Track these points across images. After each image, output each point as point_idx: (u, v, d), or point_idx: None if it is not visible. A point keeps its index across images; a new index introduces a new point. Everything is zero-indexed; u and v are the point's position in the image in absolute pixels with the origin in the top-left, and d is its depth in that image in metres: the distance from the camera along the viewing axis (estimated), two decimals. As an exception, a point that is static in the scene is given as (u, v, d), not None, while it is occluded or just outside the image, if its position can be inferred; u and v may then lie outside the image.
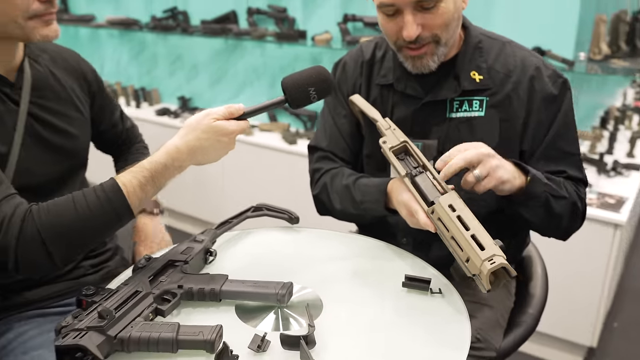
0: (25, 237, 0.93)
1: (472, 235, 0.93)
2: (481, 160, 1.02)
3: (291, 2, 3.04)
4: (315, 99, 1.08)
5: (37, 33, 1.02)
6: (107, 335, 0.82)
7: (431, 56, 1.17)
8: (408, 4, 1.11)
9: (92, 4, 3.91)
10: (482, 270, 0.90)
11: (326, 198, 1.31)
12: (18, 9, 0.98)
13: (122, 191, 0.96)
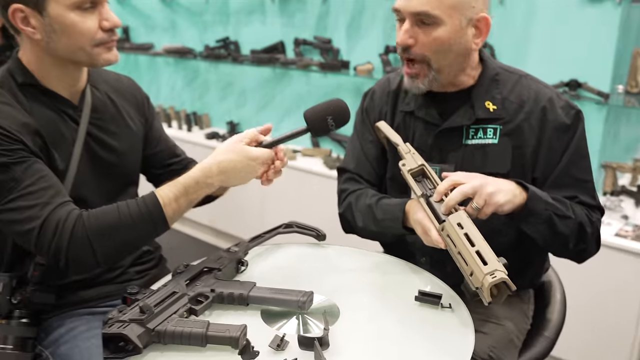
0: (76, 239, 1.07)
1: (477, 251, 1.01)
2: (476, 192, 1.10)
3: (336, 34, 3.18)
4: (334, 127, 1.20)
5: (101, 58, 1.17)
6: (146, 328, 0.94)
7: (422, 78, 1.26)
8: (409, 14, 1.22)
9: (151, 33, 4.17)
10: (484, 283, 0.97)
11: (350, 216, 1.41)
12: (86, 38, 1.13)
13: (160, 203, 1.10)
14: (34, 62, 1.17)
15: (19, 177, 1.08)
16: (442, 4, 1.19)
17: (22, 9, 1.09)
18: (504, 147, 1.29)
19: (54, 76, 1.19)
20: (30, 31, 1.12)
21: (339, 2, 3.13)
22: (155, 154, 1.47)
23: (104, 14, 1.14)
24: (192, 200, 1.15)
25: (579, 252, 1.28)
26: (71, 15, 1.10)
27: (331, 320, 1.05)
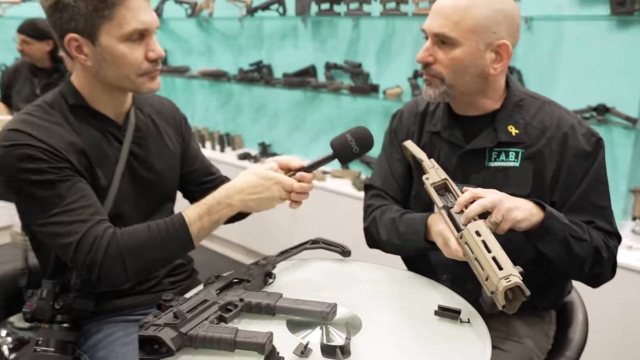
0: (110, 255, 1.15)
1: (493, 257, 1.04)
2: (495, 206, 1.14)
3: (366, 58, 3.26)
4: (358, 151, 1.27)
5: (144, 87, 1.26)
6: (179, 332, 1.00)
7: (434, 88, 1.33)
8: (431, 34, 1.30)
9: (188, 56, 4.33)
10: (498, 286, 1.00)
11: (375, 230, 1.46)
12: (132, 68, 1.22)
13: (186, 223, 1.18)
14: (85, 86, 1.26)
15: (63, 194, 1.16)
16: (459, 27, 1.26)
17: (77, 38, 1.19)
18: (525, 170, 1.33)
19: (102, 99, 1.28)
20: (83, 58, 1.21)
21: (369, 28, 3.22)
22: (191, 172, 1.54)
23: (151, 45, 1.22)
24: (215, 220, 1.22)
25: (594, 276, 1.30)
26: (121, 47, 1.19)
27: (353, 331, 1.09)
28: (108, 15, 1.15)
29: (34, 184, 1.15)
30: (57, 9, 1.16)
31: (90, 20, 1.16)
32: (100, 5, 1.14)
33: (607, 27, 2.41)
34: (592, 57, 2.45)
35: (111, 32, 1.17)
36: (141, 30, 1.19)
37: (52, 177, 1.16)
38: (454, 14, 1.26)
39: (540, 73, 2.62)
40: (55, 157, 1.17)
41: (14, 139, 1.17)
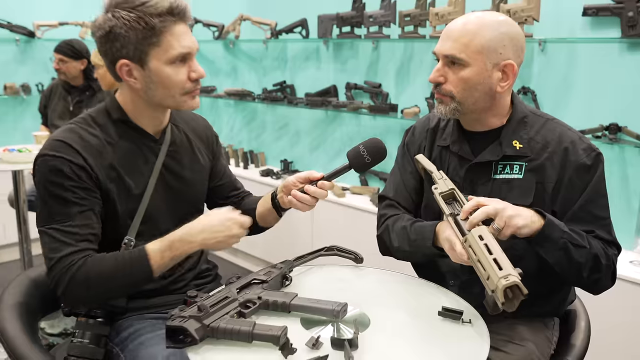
0: (76, 279, 1.25)
1: (494, 259, 1.12)
2: (498, 213, 1.22)
3: (385, 79, 3.38)
4: (370, 160, 1.39)
5: (186, 104, 1.38)
6: (202, 323, 1.11)
7: (445, 106, 1.43)
8: (442, 56, 1.40)
9: (215, 77, 4.50)
10: (498, 285, 1.07)
11: (387, 237, 1.55)
12: (177, 88, 1.34)
13: (148, 257, 1.27)
14: (129, 103, 1.40)
15: (71, 215, 1.29)
16: (467, 49, 1.36)
17: (128, 64, 1.31)
18: (527, 182, 1.41)
19: (144, 116, 1.41)
20: (133, 82, 1.34)
21: (389, 50, 3.34)
22: (219, 186, 1.66)
23: (193, 67, 1.35)
24: (176, 255, 1.30)
25: (593, 282, 1.36)
26: (167, 69, 1.31)
27: (361, 328, 1.19)
28: (156, 42, 1.28)
29: (52, 196, 1.29)
30: (109, 38, 1.29)
31: (140, 47, 1.28)
32: (149, 34, 1.27)
33: (618, 49, 2.48)
34: (604, 78, 2.53)
35: (159, 56, 1.29)
36: (184, 54, 1.31)
37: (70, 196, 1.29)
38: (463, 37, 1.37)
39: (554, 93, 2.69)
40: (84, 175, 1.30)
41: (54, 150, 1.30)
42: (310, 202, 1.42)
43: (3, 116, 4.32)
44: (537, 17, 2.55)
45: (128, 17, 1.26)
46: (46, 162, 1.30)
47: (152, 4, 1.27)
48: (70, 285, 1.26)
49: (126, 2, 1.27)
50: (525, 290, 1.08)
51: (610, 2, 2.41)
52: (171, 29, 1.29)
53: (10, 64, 4.38)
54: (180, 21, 1.31)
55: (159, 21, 1.27)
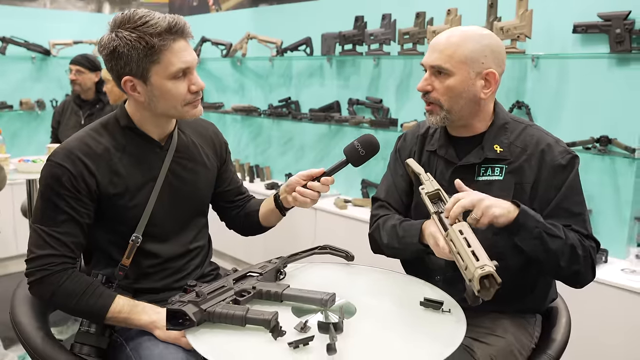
0: (47, 282, 1.37)
1: (472, 251, 1.21)
2: (474, 205, 1.32)
3: (386, 94, 3.49)
4: (364, 153, 1.51)
5: (188, 114, 1.48)
6: (200, 308, 1.20)
7: (434, 115, 1.54)
8: (428, 66, 1.52)
9: (223, 94, 4.64)
10: (475, 274, 1.16)
11: (378, 235, 1.65)
12: (178, 100, 1.44)
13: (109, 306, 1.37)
14: (136, 113, 1.50)
15: (57, 221, 1.39)
16: (452, 59, 1.47)
17: (132, 80, 1.42)
18: (507, 183, 1.51)
19: (149, 124, 1.51)
20: (137, 95, 1.45)
21: (389, 66, 3.46)
22: (226, 191, 1.76)
23: (193, 80, 1.44)
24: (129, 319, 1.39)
25: (573, 274, 1.44)
26: (168, 84, 1.41)
27: (348, 315, 1.28)
28: (156, 59, 1.38)
29: (46, 199, 1.40)
30: (114, 57, 1.40)
31: (142, 65, 1.38)
32: (149, 52, 1.37)
33: (607, 64, 2.58)
34: (595, 92, 2.62)
35: (159, 72, 1.40)
36: (184, 69, 1.41)
37: (62, 204, 1.39)
38: (447, 49, 1.48)
39: (547, 107, 2.79)
40: (81, 186, 1.40)
41: (58, 158, 1.41)
42: (314, 196, 1.52)
43: (18, 130, 4.47)
44: (529, 34, 2.66)
45: (130, 37, 1.36)
46: (49, 168, 1.42)
47: (152, 23, 1.36)
48: (40, 283, 1.38)
49: (128, 22, 1.37)
50: (499, 279, 1.16)
51: (598, 20, 2.52)
52: (170, 46, 1.38)
53: (27, 80, 4.55)
54: (179, 38, 1.40)
55: (158, 40, 1.36)
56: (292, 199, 1.56)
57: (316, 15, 3.86)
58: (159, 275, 1.54)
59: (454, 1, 3.00)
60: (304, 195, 1.53)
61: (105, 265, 1.51)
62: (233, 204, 1.79)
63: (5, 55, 4.30)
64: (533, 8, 2.65)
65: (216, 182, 1.72)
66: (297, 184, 1.56)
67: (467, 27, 1.55)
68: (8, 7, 4.47)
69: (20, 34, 4.38)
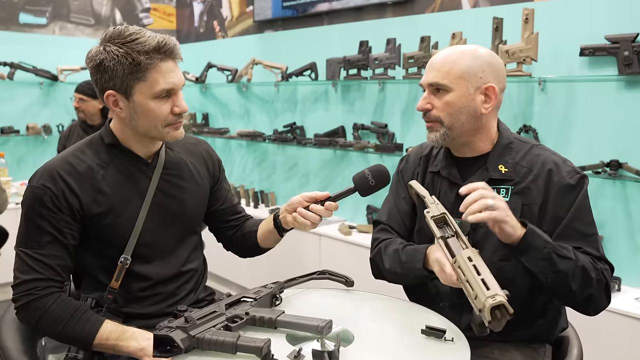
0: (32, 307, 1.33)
1: (482, 279, 1.14)
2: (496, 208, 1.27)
3: (391, 119, 3.46)
4: (374, 183, 1.46)
5: (169, 135, 1.44)
6: (188, 334, 1.15)
7: (435, 132, 1.50)
8: (427, 85, 1.50)
9: (228, 119, 4.63)
10: (485, 304, 1.09)
11: (379, 260, 1.59)
12: (159, 120, 1.41)
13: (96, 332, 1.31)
14: (119, 130, 1.47)
15: (41, 243, 1.36)
16: (449, 76, 1.45)
17: (115, 94, 1.40)
18: (513, 205, 1.45)
19: (133, 141, 1.48)
20: (118, 111, 1.42)
21: (394, 91, 3.43)
22: (219, 210, 1.70)
23: (177, 102, 1.42)
24: (116, 346, 1.32)
25: (586, 299, 1.36)
26: (150, 103, 1.39)
27: (345, 343, 1.21)
28: (141, 77, 1.36)
29: (29, 221, 1.37)
30: (99, 70, 1.38)
31: (126, 81, 1.36)
32: (135, 69, 1.35)
33: (616, 87, 2.53)
34: (604, 115, 2.57)
35: (143, 90, 1.37)
36: (168, 89, 1.39)
37: (45, 225, 1.36)
38: (444, 66, 1.46)
39: (555, 131, 2.74)
40: (64, 206, 1.37)
41: (40, 178, 1.38)
42: (315, 219, 1.47)
43: (24, 155, 4.48)
44: (535, 57, 2.63)
45: (117, 52, 1.34)
46: (30, 189, 1.39)
47: (142, 41, 1.35)
48: (26, 309, 1.34)
49: (118, 37, 1.36)
50: (511, 309, 1.10)
51: (606, 42, 2.48)
52: (157, 66, 1.36)
53: (34, 105, 4.58)
54: (167, 58, 1.38)
55: (145, 58, 1.34)
56: (292, 219, 1.51)
57: (321, 41, 3.86)
58: (150, 300, 1.48)
59: (459, 25, 2.98)
60: (304, 217, 1.48)
61: (94, 289, 1.46)
62: (228, 224, 1.73)
63: (14, 81, 4.32)
64: (539, 31, 2.62)
65: (210, 201, 1.67)
66: (299, 205, 1.50)
67: (464, 45, 1.53)
68: (18, 33, 4.52)
69: (29, 59, 4.41)
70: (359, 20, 3.65)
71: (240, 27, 4.61)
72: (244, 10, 4.55)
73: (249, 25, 4.50)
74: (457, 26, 2.96)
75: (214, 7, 4.85)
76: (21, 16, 4.54)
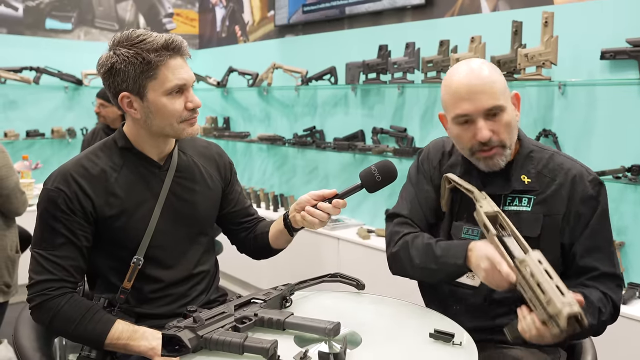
0: (46, 307, 1.35)
1: (556, 285, 1.11)
2: None
3: (410, 123, 3.45)
4: (380, 179, 1.45)
5: (184, 132, 1.47)
6: (196, 334, 1.16)
7: (500, 156, 1.42)
8: (480, 112, 1.38)
9: (249, 123, 4.66)
10: (562, 311, 1.05)
11: (405, 255, 1.49)
12: (174, 117, 1.43)
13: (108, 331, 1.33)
14: (133, 132, 1.50)
15: (55, 245, 1.39)
16: (500, 93, 1.39)
17: (128, 96, 1.42)
18: (535, 215, 1.43)
19: (147, 144, 1.50)
20: (133, 112, 1.44)
21: (414, 95, 3.42)
22: (232, 212, 1.71)
23: (189, 97, 1.44)
24: (128, 345, 1.33)
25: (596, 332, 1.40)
26: (163, 100, 1.41)
27: (352, 346, 1.22)
28: (152, 75, 1.39)
29: (44, 223, 1.40)
30: (111, 73, 1.41)
31: (139, 81, 1.39)
32: (146, 68, 1.38)
33: (637, 91, 2.49)
34: (625, 119, 2.52)
35: (156, 88, 1.40)
36: (180, 85, 1.41)
37: (59, 227, 1.39)
38: (489, 86, 1.38)
39: (575, 135, 2.70)
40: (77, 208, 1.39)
41: (54, 181, 1.41)
42: (323, 217, 1.46)
43: (49, 157, 4.57)
44: (554, 61, 2.59)
45: (127, 53, 1.37)
46: (45, 192, 1.42)
47: (149, 40, 1.38)
48: (39, 309, 1.37)
49: (126, 40, 1.39)
50: (586, 321, 1.07)
51: (627, 46, 2.44)
52: (167, 62, 1.39)
53: (59, 109, 4.67)
54: (176, 55, 1.41)
55: (154, 56, 1.37)
56: (300, 218, 1.51)
57: (340, 45, 3.86)
58: (162, 301, 1.50)
59: (478, 29, 2.96)
60: (312, 215, 1.48)
61: (107, 290, 1.48)
62: (241, 226, 1.73)
63: (40, 85, 4.42)
64: (558, 34, 2.59)
65: (222, 204, 1.68)
66: (307, 203, 1.50)
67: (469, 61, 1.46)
68: (44, 39, 4.62)
69: (54, 64, 4.51)
70: (378, 24, 3.65)
71: (261, 31, 4.65)
72: (265, 15, 4.59)
73: (270, 29, 4.53)
74: (476, 30, 2.94)
75: (236, 12, 4.90)
76: (47, 22, 4.65)
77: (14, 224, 2.71)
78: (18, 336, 1.45)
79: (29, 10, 4.56)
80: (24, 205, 2.64)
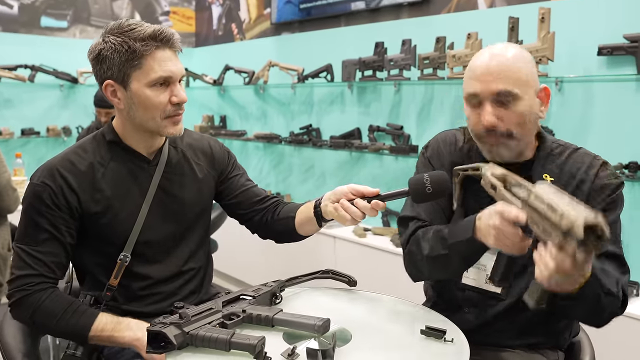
0: (26, 303, 1.34)
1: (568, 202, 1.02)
2: None
3: (407, 121, 3.42)
4: (430, 191, 1.30)
5: (167, 130, 1.42)
6: (182, 330, 1.13)
7: (505, 147, 1.35)
8: (488, 96, 1.33)
9: (246, 121, 4.64)
10: (578, 219, 0.95)
11: (417, 250, 1.42)
12: (157, 110, 1.39)
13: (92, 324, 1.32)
14: (120, 126, 1.47)
15: (38, 241, 1.37)
16: (519, 81, 1.32)
17: (113, 84, 1.40)
18: None
19: (134, 138, 1.47)
20: (117, 101, 1.42)
21: (410, 92, 3.40)
22: (235, 203, 1.65)
23: (175, 92, 1.40)
24: (112, 337, 1.33)
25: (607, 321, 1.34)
26: (147, 91, 1.38)
27: (342, 343, 1.19)
28: (137, 64, 1.36)
29: (28, 218, 1.38)
30: (98, 60, 1.39)
31: (123, 69, 1.37)
32: (131, 57, 1.36)
33: (635, 87, 2.47)
34: (622, 116, 2.50)
35: (140, 78, 1.37)
36: (165, 77, 1.38)
37: (43, 222, 1.37)
38: (508, 71, 1.32)
39: (571, 132, 2.68)
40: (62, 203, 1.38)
41: (40, 175, 1.40)
42: (357, 215, 1.36)
43: (44, 155, 4.53)
44: (551, 57, 2.57)
45: (115, 41, 1.36)
46: (31, 186, 1.40)
47: (138, 29, 1.36)
48: (19, 305, 1.35)
49: (117, 29, 1.38)
50: (607, 231, 0.95)
51: (624, 42, 2.42)
52: (153, 53, 1.36)
53: (54, 107, 4.64)
54: (164, 46, 1.38)
55: (141, 45, 1.35)
56: (332, 209, 1.40)
57: (336, 42, 3.84)
58: (151, 299, 1.48)
59: (475, 25, 2.94)
60: (346, 210, 1.37)
61: (94, 287, 1.46)
62: (252, 209, 1.64)
63: (34, 83, 4.39)
64: (555, 30, 2.57)
65: (222, 194, 1.64)
66: (343, 196, 1.40)
67: (501, 44, 1.41)
68: (39, 37, 4.59)
69: (49, 62, 4.48)
70: (375, 21, 3.63)
71: (257, 29, 4.62)
72: (261, 13, 4.57)
73: (267, 27, 4.51)
74: (472, 26, 2.92)
75: (232, 10, 4.88)
76: (43, 20, 4.62)
77: (6, 221, 2.68)
78: (3, 334, 1.42)
79: (24, 8, 4.53)
80: (16, 203, 2.62)
